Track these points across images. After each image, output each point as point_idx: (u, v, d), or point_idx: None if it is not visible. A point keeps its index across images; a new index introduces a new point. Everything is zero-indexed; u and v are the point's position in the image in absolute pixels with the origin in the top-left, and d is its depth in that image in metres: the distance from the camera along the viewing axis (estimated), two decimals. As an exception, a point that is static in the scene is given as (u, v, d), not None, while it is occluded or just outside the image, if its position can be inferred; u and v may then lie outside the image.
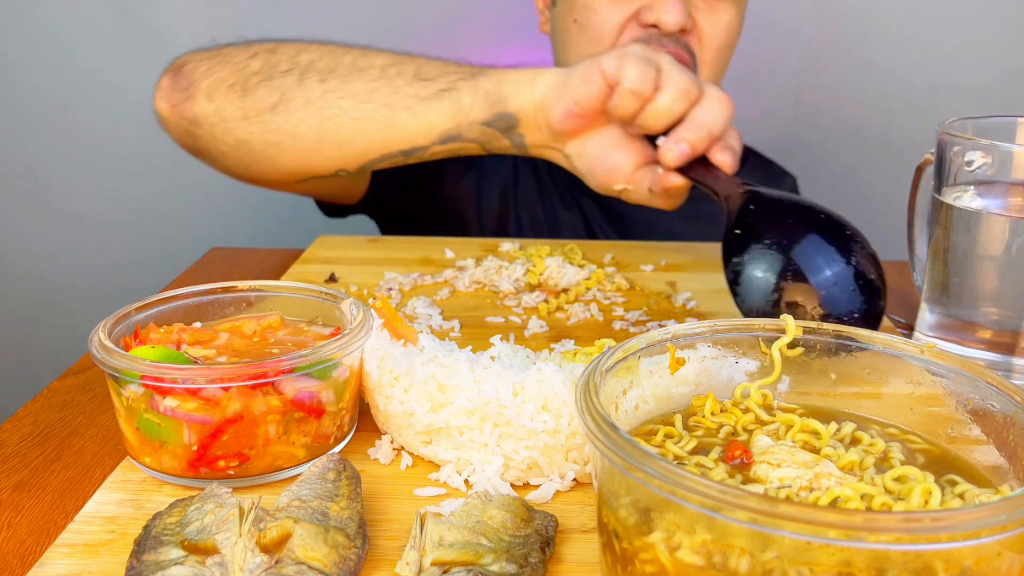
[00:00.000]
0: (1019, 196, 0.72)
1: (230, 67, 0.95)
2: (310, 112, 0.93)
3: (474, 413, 0.56)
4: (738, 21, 1.10)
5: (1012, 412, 0.45)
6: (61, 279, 1.81)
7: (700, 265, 1.03)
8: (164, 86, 0.99)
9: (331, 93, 0.92)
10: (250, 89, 0.94)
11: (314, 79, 0.93)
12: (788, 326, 0.51)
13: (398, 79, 0.92)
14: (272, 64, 0.94)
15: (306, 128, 0.93)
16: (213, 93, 0.95)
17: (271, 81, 0.93)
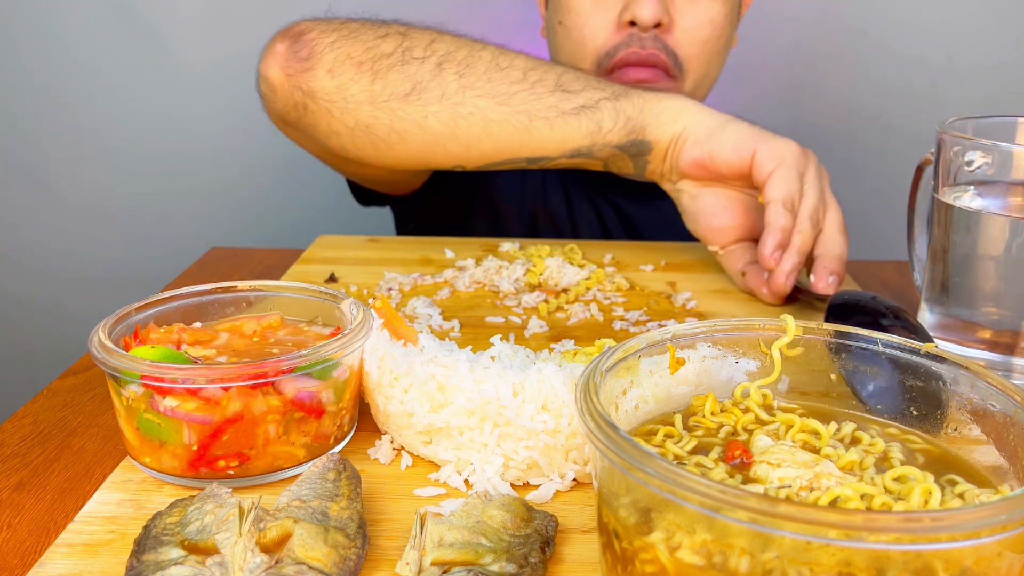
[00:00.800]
0: (1019, 196, 0.72)
1: (359, 44, 0.91)
2: (444, 106, 0.90)
3: (474, 413, 0.56)
4: (724, 13, 1.09)
5: (1012, 412, 0.45)
6: (61, 279, 1.81)
7: (700, 265, 1.03)
8: (279, 51, 0.93)
9: (469, 90, 0.90)
10: (380, 72, 0.90)
11: (452, 71, 0.90)
12: (788, 326, 0.51)
13: (539, 86, 0.90)
14: (406, 48, 0.91)
15: (437, 122, 0.90)
16: (338, 69, 0.91)
17: (405, 67, 0.90)
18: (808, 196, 0.87)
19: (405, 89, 0.90)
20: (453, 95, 0.90)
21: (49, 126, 1.72)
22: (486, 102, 0.90)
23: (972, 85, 1.61)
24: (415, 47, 0.91)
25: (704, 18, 1.07)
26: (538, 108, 0.90)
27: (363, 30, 0.93)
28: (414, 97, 0.90)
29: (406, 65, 0.90)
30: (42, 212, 1.77)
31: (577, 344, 0.77)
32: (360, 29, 0.93)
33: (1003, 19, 1.58)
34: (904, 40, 1.60)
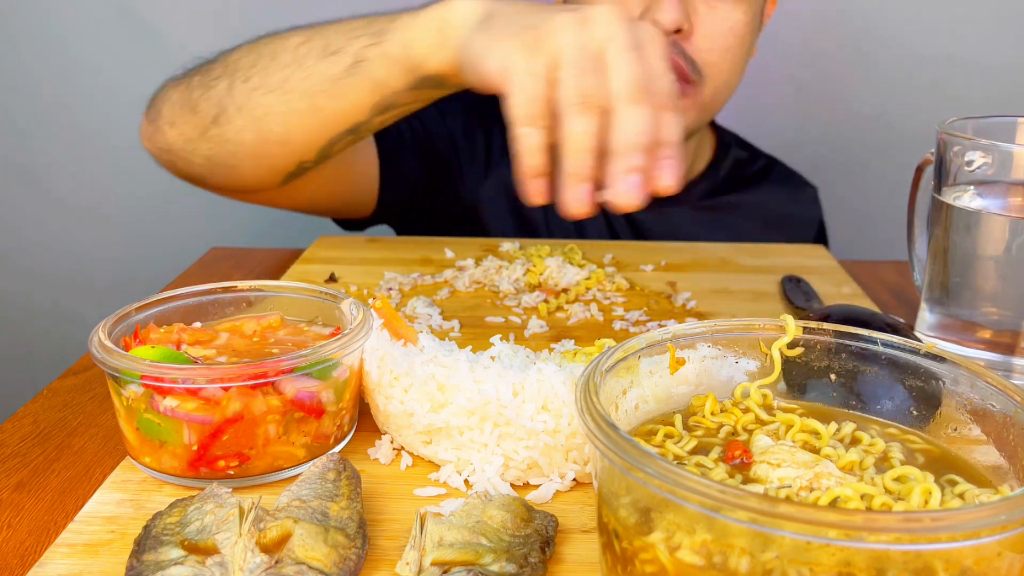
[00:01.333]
0: (1019, 196, 0.72)
1: (181, 86, 0.93)
2: (244, 117, 0.89)
3: (474, 413, 0.56)
4: (746, 21, 1.07)
5: (1012, 412, 0.45)
6: (61, 279, 1.81)
7: (700, 265, 1.03)
8: (142, 125, 0.98)
9: (256, 91, 0.88)
10: (195, 105, 0.91)
11: (240, 80, 0.88)
12: (788, 326, 0.51)
13: (307, 58, 0.85)
14: (207, 73, 0.91)
15: (247, 134, 0.90)
16: (172, 118, 0.94)
17: (208, 92, 0.90)
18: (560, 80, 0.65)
19: (213, 114, 0.90)
20: (246, 103, 0.88)
21: (49, 126, 1.71)
22: (271, 97, 0.87)
23: (973, 85, 1.61)
24: (215, 68, 0.91)
25: (725, 26, 1.06)
26: (312, 83, 0.85)
27: (188, 75, 0.94)
28: (222, 118, 0.90)
29: (209, 91, 0.90)
30: (42, 212, 1.77)
31: (577, 344, 0.77)
32: (186, 76, 0.95)
33: (1004, 19, 1.58)
34: (904, 40, 1.60)
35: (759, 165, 1.33)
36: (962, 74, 1.61)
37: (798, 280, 0.95)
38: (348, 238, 1.10)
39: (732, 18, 1.06)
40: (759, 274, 1.00)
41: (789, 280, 0.95)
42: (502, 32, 0.70)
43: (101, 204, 1.77)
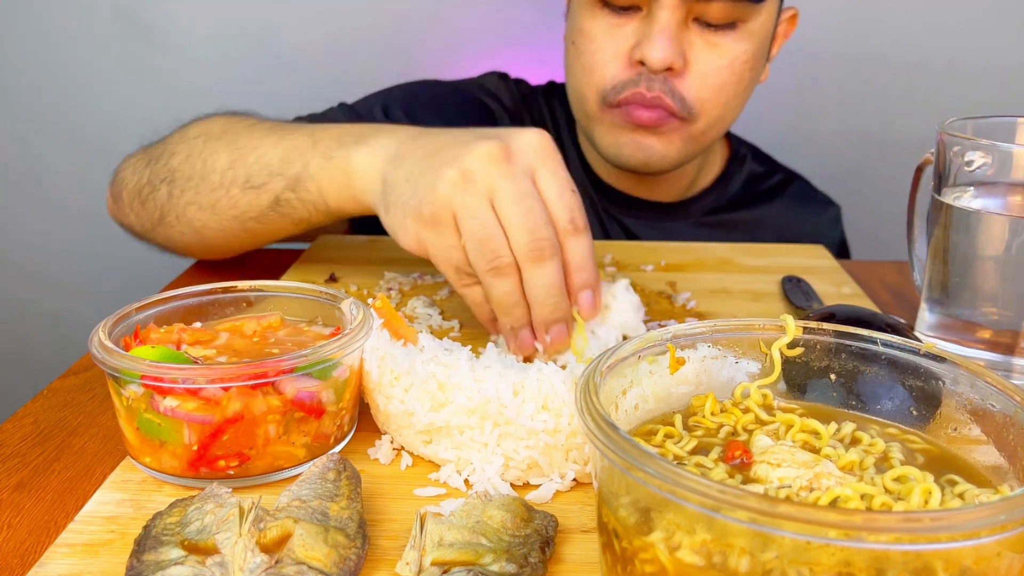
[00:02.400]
0: (1019, 196, 0.72)
1: (134, 178, 0.98)
2: (183, 224, 0.94)
3: (474, 412, 0.56)
4: (748, 56, 1.02)
5: (1012, 412, 0.45)
6: (61, 279, 1.81)
7: (700, 265, 1.03)
8: (108, 200, 1.04)
9: (191, 206, 0.92)
10: (144, 202, 0.96)
11: (178, 190, 0.93)
12: (788, 326, 0.51)
13: (232, 187, 0.89)
14: (154, 174, 0.95)
15: (189, 239, 0.96)
16: (131, 204, 0.99)
17: (153, 194, 0.95)
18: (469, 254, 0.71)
19: (157, 216, 0.96)
20: (183, 215, 0.93)
21: (49, 127, 1.71)
22: (204, 214, 0.92)
23: (972, 86, 1.61)
24: (159, 170, 0.95)
25: (722, 63, 1.01)
26: (240, 211, 0.90)
27: (141, 159, 0.99)
28: (163, 222, 0.95)
29: (154, 192, 0.95)
30: (42, 212, 1.77)
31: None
32: (140, 159, 0.99)
33: (1004, 20, 1.58)
34: (904, 40, 1.60)
35: (775, 180, 1.29)
36: (962, 75, 1.61)
37: (798, 280, 0.95)
38: (348, 238, 1.10)
39: (731, 54, 1.01)
40: (759, 274, 1.00)
41: (789, 280, 0.95)
42: (402, 211, 0.75)
43: (101, 205, 1.76)
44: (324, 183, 0.84)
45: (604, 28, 1.02)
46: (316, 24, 1.62)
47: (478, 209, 0.70)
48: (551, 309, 0.71)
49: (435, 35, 1.63)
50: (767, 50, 1.08)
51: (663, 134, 1.04)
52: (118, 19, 1.64)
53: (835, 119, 1.66)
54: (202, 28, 1.65)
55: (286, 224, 0.90)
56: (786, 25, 1.13)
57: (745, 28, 1.00)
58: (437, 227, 0.72)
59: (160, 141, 1.00)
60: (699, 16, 0.98)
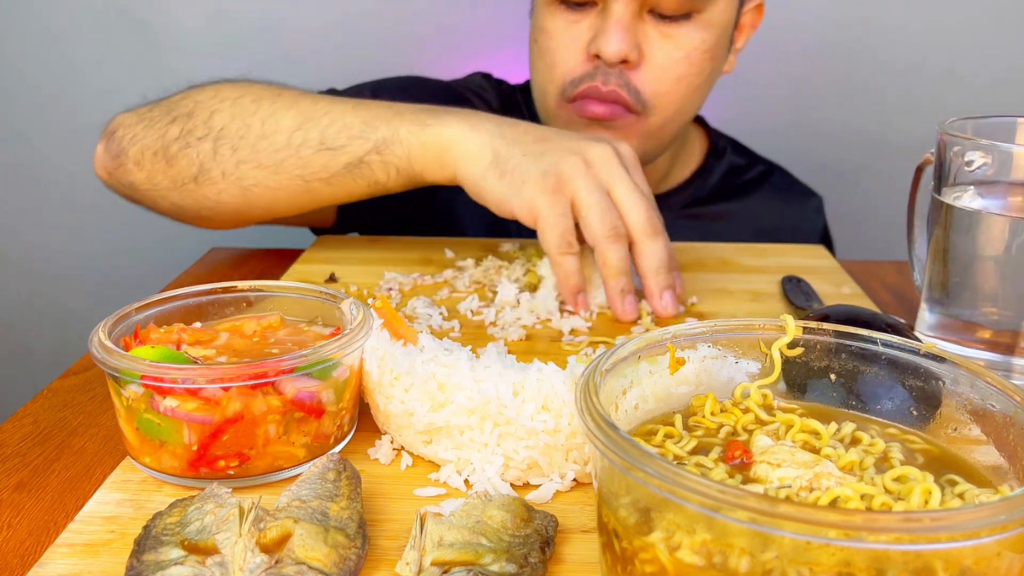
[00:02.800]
0: (1019, 196, 0.72)
1: (153, 134, 0.95)
2: (229, 183, 0.92)
3: (474, 412, 0.56)
4: (706, 46, 1.01)
5: (1012, 412, 0.45)
6: (61, 279, 1.81)
7: (700, 265, 1.03)
8: (99, 153, 1.00)
9: (244, 164, 0.92)
10: (172, 158, 0.94)
11: (227, 148, 0.92)
12: (788, 326, 0.51)
13: (304, 148, 0.90)
14: (189, 131, 0.93)
15: (229, 197, 0.94)
16: (141, 161, 0.95)
17: (188, 150, 0.93)
18: (589, 220, 0.82)
19: (193, 172, 0.93)
20: (232, 171, 0.92)
21: (49, 126, 1.71)
22: (262, 173, 0.91)
23: (972, 86, 1.61)
24: (196, 127, 0.93)
25: (679, 55, 1.00)
26: (310, 171, 0.91)
27: (157, 117, 0.96)
28: (203, 178, 0.93)
29: (189, 148, 0.93)
30: (42, 212, 1.77)
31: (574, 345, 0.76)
32: (155, 117, 0.96)
33: (1004, 21, 1.58)
34: (904, 40, 1.60)
35: (755, 172, 1.29)
36: (962, 75, 1.61)
37: (798, 280, 0.95)
38: (348, 238, 1.10)
39: (688, 45, 1.00)
40: (759, 274, 1.00)
41: (789, 280, 0.95)
42: (520, 178, 0.84)
43: (101, 204, 1.76)
44: (415, 148, 0.88)
45: (562, 24, 1.02)
46: (316, 19, 1.62)
47: (599, 190, 0.82)
48: (665, 276, 0.84)
49: (436, 28, 1.63)
50: (728, 40, 1.07)
51: (617, 129, 1.03)
52: (118, 17, 1.64)
53: (834, 119, 1.66)
54: (202, 26, 1.65)
55: (358, 186, 0.91)
56: (752, 15, 1.12)
57: (701, 18, 1.00)
58: (556, 195, 0.82)
59: (178, 98, 0.98)
60: (653, 8, 0.98)
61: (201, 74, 1.66)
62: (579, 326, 0.83)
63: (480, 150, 0.86)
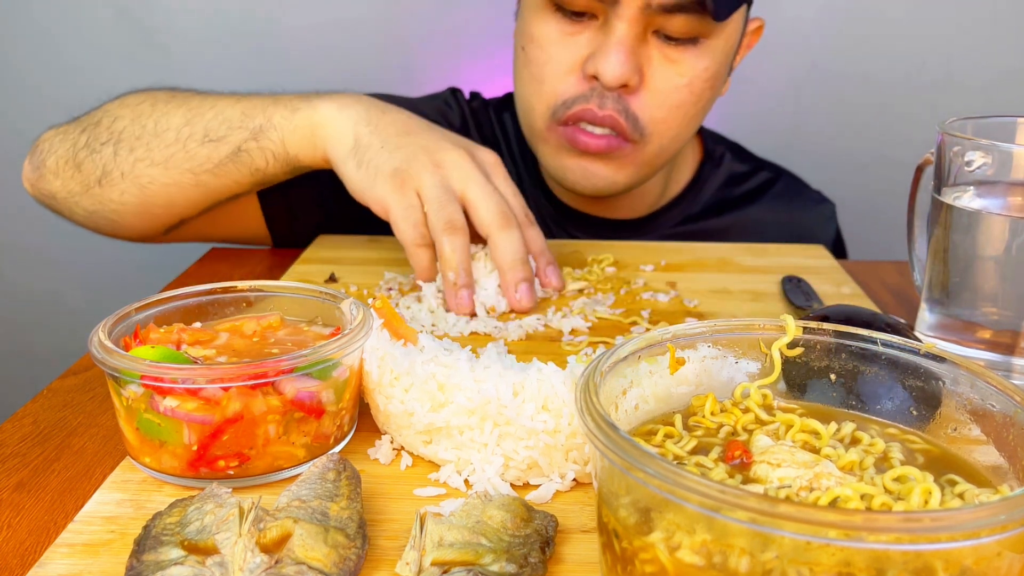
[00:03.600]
0: (1019, 196, 0.72)
1: (67, 143, 0.99)
2: (128, 183, 0.96)
3: (474, 412, 0.56)
4: (709, 74, 0.96)
5: (1012, 412, 0.45)
6: (61, 279, 1.81)
7: (700, 265, 1.03)
8: (24, 167, 1.04)
9: (140, 162, 0.95)
10: (80, 164, 0.97)
11: (125, 149, 0.95)
12: (788, 326, 0.51)
13: (190, 142, 0.93)
14: (95, 137, 0.97)
15: (130, 197, 0.97)
16: (57, 170, 0.99)
17: (93, 155, 0.96)
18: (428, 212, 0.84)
19: (97, 175, 0.97)
20: (130, 171, 0.95)
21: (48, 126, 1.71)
22: (156, 170, 0.95)
23: (972, 86, 1.61)
24: (101, 133, 0.97)
25: (681, 81, 0.95)
26: (196, 164, 0.94)
27: (72, 128, 1.00)
28: (105, 180, 0.96)
29: (94, 153, 0.97)
30: (42, 212, 1.77)
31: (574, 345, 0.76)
32: (71, 128, 1.01)
33: (1003, 20, 1.58)
34: (904, 40, 1.60)
35: (758, 180, 1.21)
36: (962, 75, 1.61)
37: (798, 280, 0.95)
38: (348, 238, 1.10)
39: (691, 72, 0.95)
40: (759, 274, 1.00)
41: (789, 280, 0.95)
42: (373, 172, 0.86)
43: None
44: (287, 132, 0.91)
45: (556, 35, 0.96)
46: (316, 20, 1.62)
47: (443, 186, 0.84)
48: (520, 270, 0.84)
49: (434, 29, 1.63)
50: (729, 65, 1.02)
51: (612, 159, 0.99)
52: (118, 17, 1.64)
53: (835, 119, 1.66)
54: (201, 26, 1.65)
55: (242, 175, 0.95)
56: (750, 37, 1.07)
57: (707, 44, 0.95)
58: (403, 189, 0.84)
59: (92, 111, 1.01)
60: (660, 29, 0.92)
61: (201, 74, 1.67)
62: (579, 326, 0.83)
63: (344, 133, 0.89)
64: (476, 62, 1.59)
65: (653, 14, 0.90)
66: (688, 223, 1.18)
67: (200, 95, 0.97)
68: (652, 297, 0.92)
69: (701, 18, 0.91)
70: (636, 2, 0.89)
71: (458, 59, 1.60)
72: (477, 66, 1.57)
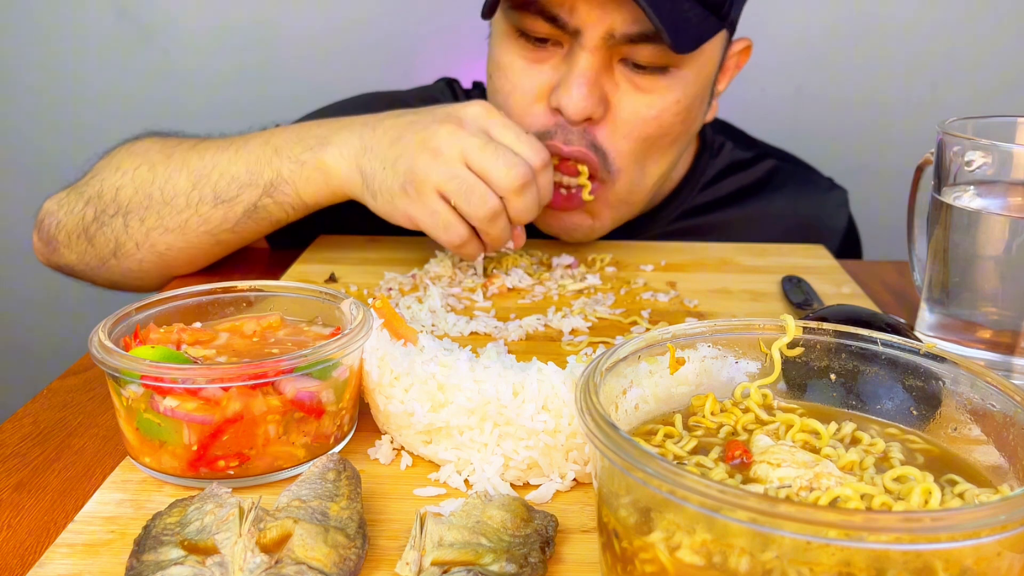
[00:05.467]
0: (1019, 196, 0.72)
1: (73, 218, 0.98)
2: (145, 251, 0.95)
3: (474, 413, 0.56)
4: (680, 108, 0.91)
5: (1012, 412, 0.45)
6: (61, 279, 1.80)
7: (700, 265, 1.03)
8: (34, 241, 1.04)
9: (154, 231, 0.94)
10: (92, 238, 0.97)
11: (135, 220, 0.94)
12: (788, 326, 0.51)
13: (202, 206, 0.93)
14: (101, 210, 0.96)
15: (150, 265, 0.97)
16: (69, 244, 0.99)
17: (104, 229, 0.96)
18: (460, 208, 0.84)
19: (111, 248, 0.97)
20: (144, 240, 0.95)
21: (49, 126, 1.72)
22: (171, 236, 0.94)
23: (972, 86, 1.61)
24: (108, 206, 0.96)
25: (649, 113, 0.90)
26: (212, 226, 0.94)
27: (74, 200, 0.99)
28: (120, 252, 0.97)
29: (104, 227, 0.96)
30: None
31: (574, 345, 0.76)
32: (73, 200, 0.99)
33: (1003, 20, 1.58)
34: (904, 40, 1.60)
35: (762, 169, 1.16)
36: (962, 74, 1.61)
37: (798, 280, 0.95)
38: (348, 238, 1.10)
39: (660, 105, 0.90)
40: (759, 274, 1.00)
41: (789, 280, 0.95)
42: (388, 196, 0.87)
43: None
44: (300, 184, 0.91)
45: (521, 64, 0.92)
46: (314, 21, 1.62)
47: (456, 171, 0.83)
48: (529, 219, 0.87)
49: (437, 33, 1.63)
50: (709, 91, 0.98)
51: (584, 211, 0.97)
52: (119, 21, 1.64)
53: (835, 118, 1.66)
54: (201, 27, 1.65)
55: (261, 227, 0.95)
56: (738, 57, 1.03)
57: (678, 74, 0.90)
58: (420, 198, 0.84)
59: (88, 177, 1.00)
60: (626, 57, 0.88)
61: (201, 74, 1.67)
62: (579, 326, 0.83)
63: (351, 174, 0.90)
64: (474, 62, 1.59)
65: (617, 44, 0.87)
66: (689, 217, 1.14)
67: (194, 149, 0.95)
68: (652, 297, 0.92)
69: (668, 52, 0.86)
70: (599, 32, 0.85)
71: (458, 59, 1.60)
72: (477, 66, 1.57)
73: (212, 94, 1.68)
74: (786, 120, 1.64)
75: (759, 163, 1.17)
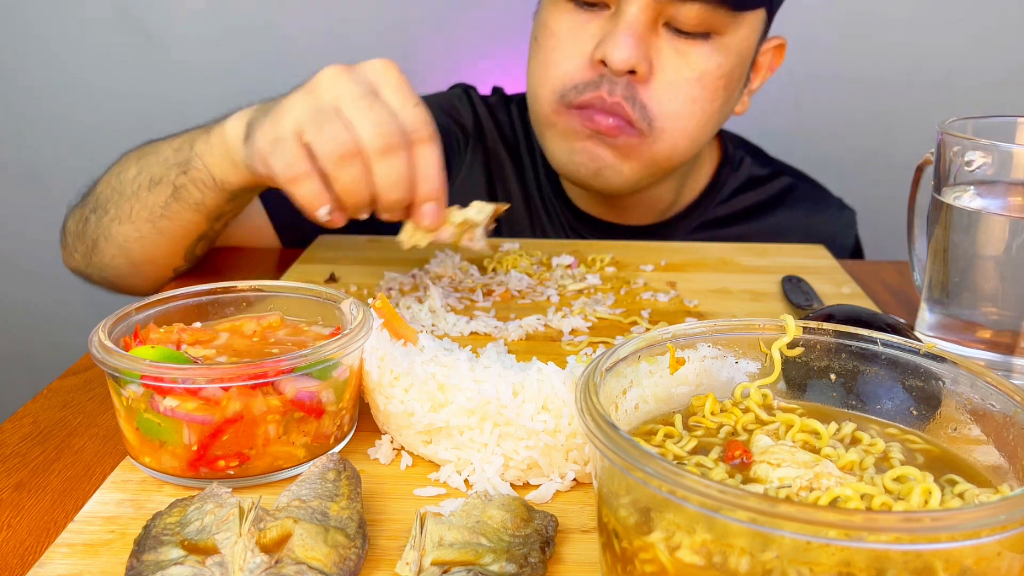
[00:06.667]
0: (1019, 196, 0.72)
1: (73, 221, 1.00)
2: (110, 245, 0.96)
3: (474, 413, 0.56)
4: (722, 72, 0.94)
5: (1012, 412, 0.45)
6: (61, 279, 1.80)
7: (700, 265, 1.03)
8: (63, 254, 1.05)
9: (112, 223, 0.94)
10: (80, 235, 0.99)
11: (101, 214, 0.95)
12: (788, 326, 0.51)
13: (141, 191, 0.91)
14: (91, 210, 0.97)
15: (119, 260, 0.97)
16: (74, 246, 1.01)
17: (85, 226, 0.97)
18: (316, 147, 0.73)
19: (90, 244, 0.98)
20: (107, 233, 0.95)
21: (49, 127, 1.72)
22: (125, 227, 0.93)
23: (972, 86, 1.61)
24: (88, 204, 0.97)
25: (691, 74, 0.93)
26: (150, 211, 0.91)
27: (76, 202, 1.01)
28: (95, 248, 0.98)
29: (85, 224, 0.98)
30: (42, 212, 1.77)
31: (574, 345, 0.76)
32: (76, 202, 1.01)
33: (1004, 20, 1.58)
34: (904, 41, 1.60)
35: (777, 187, 1.19)
36: (962, 75, 1.61)
37: (798, 280, 0.95)
38: (348, 238, 1.10)
39: (702, 67, 0.93)
40: (759, 274, 1.00)
41: (789, 280, 0.95)
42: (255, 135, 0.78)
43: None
44: (207, 157, 0.87)
45: (568, 24, 0.96)
46: (315, 20, 1.62)
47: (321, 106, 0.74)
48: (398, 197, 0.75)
49: (437, 32, 1.63)
50: (745, 73, 1.00)
51: (619, 147, 0.97)
52: (119, 20, 1.64)
53: (834, 119, 1.66)
54: (201, 26, 1.65)
55: (189, 212, 0.91)
56: (771, 56, 1.05)
57: (720, 41, 0.94)
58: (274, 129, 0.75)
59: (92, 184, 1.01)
60: (670, 21, 0.92)
61: (201, 74, 1.67)
62: (579, 326, 0.83)
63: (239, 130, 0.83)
64: (475, 62, 1.59)
65: (665, 3, 0.90)
66: (705, 229, 1.16)
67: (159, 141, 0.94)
68: (652, 297, 0.92)
69: (714, 10, 0.90)
70: None
71: (460, 59, 1.60)
72: (477, 66, 1.57)
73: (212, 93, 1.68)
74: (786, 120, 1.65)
75: (775, 180, 1.19)
